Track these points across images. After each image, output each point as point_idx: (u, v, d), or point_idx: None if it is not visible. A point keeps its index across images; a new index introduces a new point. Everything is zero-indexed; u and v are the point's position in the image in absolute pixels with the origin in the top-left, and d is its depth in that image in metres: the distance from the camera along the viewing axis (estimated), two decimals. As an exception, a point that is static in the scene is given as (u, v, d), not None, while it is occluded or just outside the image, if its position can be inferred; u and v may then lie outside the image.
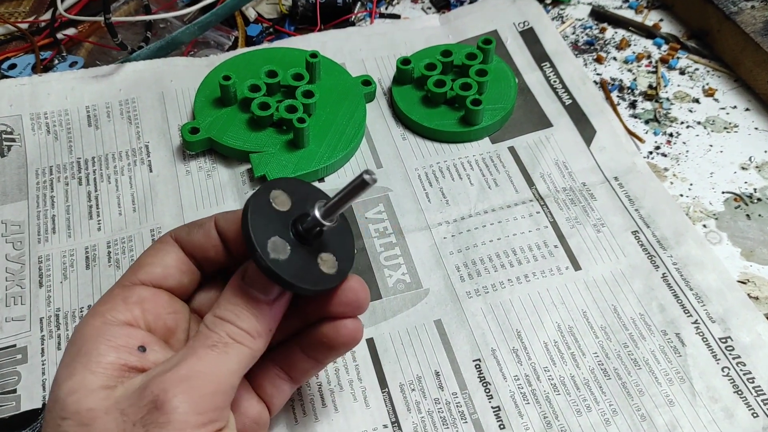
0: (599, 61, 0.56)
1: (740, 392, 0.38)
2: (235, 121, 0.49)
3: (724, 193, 0.47)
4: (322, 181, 0.48)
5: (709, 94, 0.53)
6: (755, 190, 0.47)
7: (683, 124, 0.51)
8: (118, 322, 0.28)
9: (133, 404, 0.26)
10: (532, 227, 0.45)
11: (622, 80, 0.55)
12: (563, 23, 0.59)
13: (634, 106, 0.53)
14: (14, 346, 0.39)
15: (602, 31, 0.59)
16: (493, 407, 0.37)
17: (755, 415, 0.37)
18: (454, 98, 0.50)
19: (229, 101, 0.49)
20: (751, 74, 0.53)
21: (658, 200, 0.46)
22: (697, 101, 0.53)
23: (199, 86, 0.51)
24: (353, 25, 0.59)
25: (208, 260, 0.31)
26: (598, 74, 0.55)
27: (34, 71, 0.54)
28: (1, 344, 0.39)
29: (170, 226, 0.45)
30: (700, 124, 0.51)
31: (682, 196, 0.47)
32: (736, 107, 0.52)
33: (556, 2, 0.61)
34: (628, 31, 0.59)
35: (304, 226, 0.29)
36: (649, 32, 0.58)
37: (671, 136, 0.51)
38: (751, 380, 0.38)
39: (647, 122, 0.52)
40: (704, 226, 0.46)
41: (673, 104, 0.53)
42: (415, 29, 0.57)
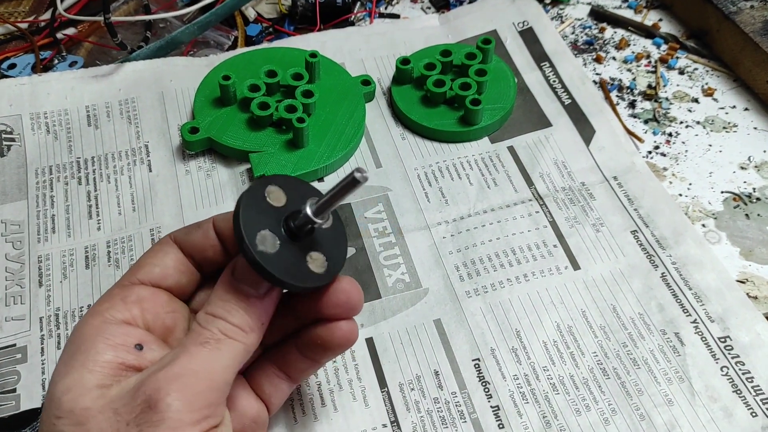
0: (598, 60, 0.56)
1: (739, 392, 0.38)
2: (234, 120, 0.49)
3: (723, 192, 0.47)
4: (321, 180, 0.48)
5: (708, 93, 0.53)
6: (754, 189, 0.47)
7: (682, 123, 0.51)
8: (116, 320, 0.29)
9: (126, 404, 0.26)
10: (531, 227, 0.45)
11: (621, 80, 0.55)
12: (562, 23, 0.59)
13: (633, 105, 0.53)
14: (14, 345, 0.39)
15: (601, 30, 0.59)
16: (492, 407, 0.38)
17: (754, 414, 0.37)
18: (453, 98, 0.50)
19: (228, 101, 0.49)
20: (750, 74, 0.53)
21: (657, 200, 0.46)
22: (696, 101, 0.53)
23: (198, 86, 0.51)
24: (353, 24, 0.59)
25: (206, 260, 0.32)
26: (597, 74, 0.55)
27: (33, 71, 0.54)
28: (0, 344, 0.39)
29: (170, 225, 0.45)
30: (699, 123, 0.51)
31: (681, 195, 0.47)
32: (735, 107, 0.52)
33: (555, 2, 0.61)
34: (627, 30, 0.59)
35: (295, 222, 0.30)
36: (648, 32, 0.58)
37: (670, 135, 0.51)
38: (750, 380, 0.38)
39: (646, 122, 0.52)
40: (703, 225, 0.46)
41: (672, 104, 0.53)
42: (414, 29, 0.57)
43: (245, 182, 0.47)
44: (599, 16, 0.60)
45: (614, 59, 0.56)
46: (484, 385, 0.38)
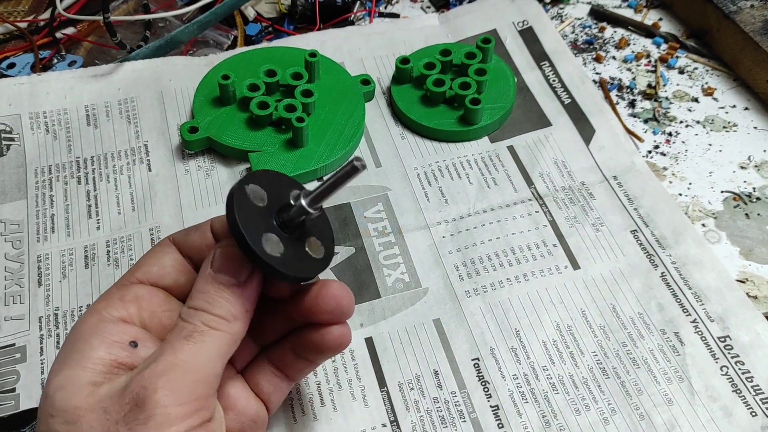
0: (598, 60, 0.56)
1: (739, 391, 0.38)
2: (234, 120, 0.49)
3: (723, 192, 0.47)
4: (320, 180, 0.48)
5: (708, 93, 0.53)
6: (754, 189, 0.47)
7: (682, 123, 0.51)
8: (112, 318, 0.29)
9: (115, 402, 0.26)
10: (531, 226, 0.45)
11: (621, 79, 0.55)
12: (562, 22, 0.59)
13: (633, 105, 0.53)
14: (13, 345, 0.39)
15: (601, 30, 0.59)
16: (491, 406, 0.37)
17: (754, 414, 0.37)
18: (453, 97, 0.50)
19: (228, 100, 0.49)
20: (750, 73, 0.53)
21: (657, 199, 0.46)
22: (696, 100, 0.53)
23: (198, 85, 0.51)
24: (352, 24, 0.59)
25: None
26: (597, 73, 0.55)
27: (33, 70, 0.54)
28: (0, 343, 0.39)
29: (169, 225, 0.45)
30: (699, 123, 0.51)
31: (681, 195, 0.47)
32: (735, 106, 0.52)
33: (555, 1, 0.61)
34: (627, 30, 0.59)
35: (289, 216, 0.30)
36: (648, 31, 0.58)
37: (670, 135, 0.51)
38: (749, 379, 0.38)
39: (646, 121, 0.52)
40: (703, 225, 0.46)
41: (672, 103, 0.53)
42: (414, 28, 0.57)
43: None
44: (599, 15, 0.60)
45: (614, 59, 0.56)
46: (483, 384, 0.38)
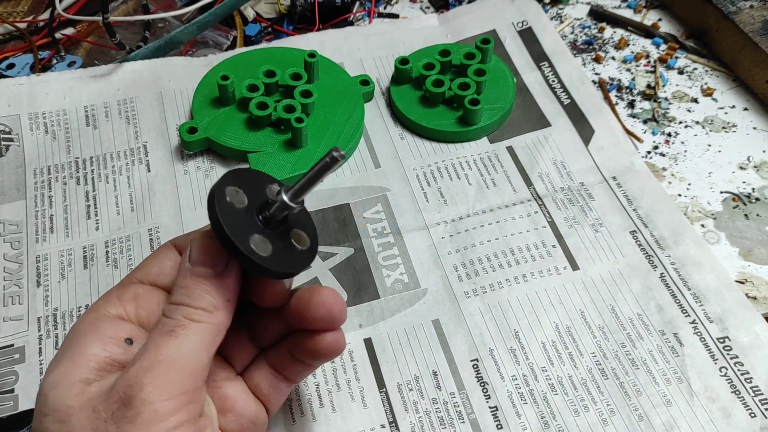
0: (598, 60, 0.56)
1: (738, 392, 0.38)
2: (233, 120, 0.49)
3: (722, 192, 0.47)
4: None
5: (707, 93, 0.53)
6: (753, 189, 0.47)
7: (682, 123, 0.51)
8: (109, 315, 0.29)
9: (104, 401, 0.26)
10: (530, 227, 0.45)
11: (620, 80, 0.55)
12: (562, 23, 0.59)
13: (632, 105, 0.53)
14: (12, 345, 0.39)
15: (601, 30, 0.59)
16: (490, 407, 0.37)
17: (753, 415, 0.37)
18: (452, 98, 0.50)
19: (227, 101, 0.49)
20: (749, 74, 0.53)
21: (656, 200, 0.46)
22: (695, 101, 0.53)
23: (197, 86, 0.51)
24: (352, 24, 0.59)
25: None
26: (596, 74, 0.55)
27: (32, 71, 0.54)
28: (-2, 344, 0.39)
29: (168, 225, 0.45)
30: (698, 123, 0.51)
31: (680, 195, 0.47)
32: (734, 107, 0.52)
33: (554, 2, 0.61)
34: (626, 30, 0.59)
35: (271, 212, 0.29)
36: (647, 32, 0.58)
37: (669, 135, 0.51)
38: (748, 380, 0.38)
39: (646, 122, 0.52)
40: (702, 225, 0.46)
41: (671, 104, 0.53)
42: (413, 29, 0.57)
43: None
44: (598, 15, 0.60)
45: (613, 59, 0.56)
46: (482, 385, 0.38)
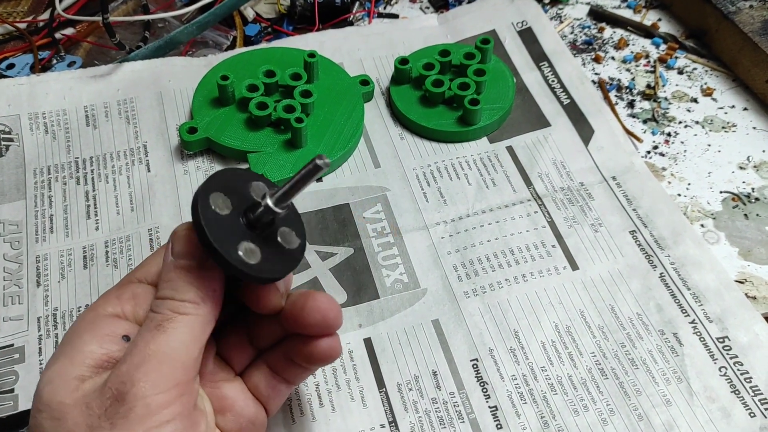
0: (597, 60, 0.56)
1: (737, 392, 0.38)
2: (233, 120, 0.49)
3: (722, 192, 0.47)
4: (320, 180, 0.48)
5: (707, 93, 0.53)
6: (753, 189, 0.47)
7: (681, 123, 0.51)
8: (107, 314, 0.29)
9: (97, 398, 0.26)
10: (529, 227, 0.45)
11: (620, 80, 0.55)
12: (561, 23, 0.59)
13: (632, 105, 0.53)
14: (12, 345, 0.39)
15: (600, 30, 0.59)
16: (490, 407, 0.37)
17: (752, 414, 0.37)
18: (452, 98, 0.50)
19: (227, 101, 0.49)
20: (749, 74, 0.53)
21: (655, 200, 0.46)
22: (695, 101, 0.53)
23: (197, 86, 0.51)
24: (351, 24, 0.59)
25: None
26: (596, 74, 0.55)
27: (32, 71, 0.54)
28: (-2, 344, 0.39)
29: (168, 225, 0.45)
30: (698, 123, 0.51)
31: (680, 195, 0.47)
32: (734, 107, 0.52)
33: (554, 2, 0.61)
34: (626, 30, 0.59)
35: (256, 216, 0.29)
36: (647, 32, 0.58)
37: (669, 135, 0.51)
38: (748, 380, 0.38)
39: (645, 122, 0.52)
40: (702, 225, 0.46)
41: (671, 104, 0.53)
42: (413, 29, 0.57)
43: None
44: (598, 15, 0.60)
45: (613, 59, 0.56)
46: (482, 385, 0.38)
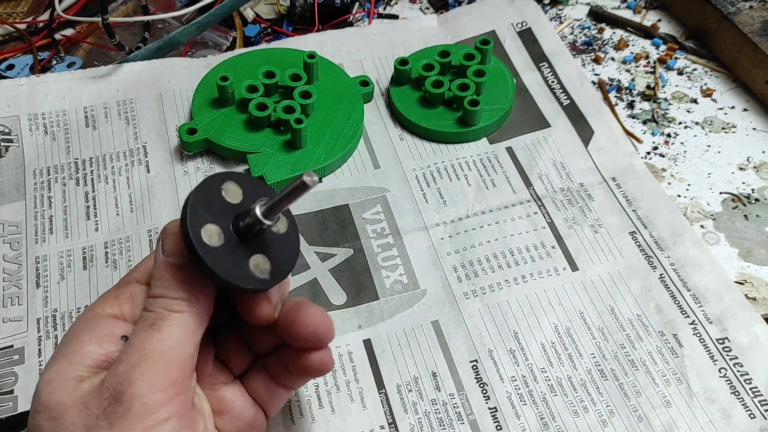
0: (597, 61, 0.56)
1: (737, 393, 0.38)
2: (232, 121, 0.49)
3: (721, 193, 0.47)
4: (320, 181, 0.47)
5: (707, 94, 0.53)
6: (753, 190, 0.47)
7: (681, 124, 0.51)
8: (106, 315, 0.29)
9: (95, 398, 0.26)
10: (529, 228, 0.45)
11: (620, 80, 0.55)
12: (561, 23, 0.59)
13: (632, 106, 0.53)
14: (11, 346, 0.39)
15: (600, 31, 0.59)
16: (489, 408, 0.37)
17: (752, 416, 0.37)
18: (451, 99, 0.50)
19: (226, 102, 0.49)
20: (749, 74, 0.53)
21: (655, 201, 0.46)
22: (695, 101, 0.53)
23: (196, 87, 0.51)
24: (351, 25, 0.59)
25: None
26: (596, 74, 0.55)
27: (32, 72, 0.54)
28: (-2, 345, 0.39)
29: (167, 226, 0.45)
30: (698, 124, 0.51)
31: (679, 196, 0.47)
32: (734, 107, 0.52)
33: (554, 2, 0.61)
34: (626, 31, 0.59)
35: (244, 222, 0.29)
36: (647, 32, 0.58)
37: (669, 136, 0.51)
38: (748, 381, 0.38)
39: (645, 122, 0.52)
40: (702, 226, 0.46)
41: (671, 104, 0.53)
42: (413, 30, 0.57)
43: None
44: (598, 16, 0.60)
45: (613, 60, 0.56)
46: (481, 386, 0.38)
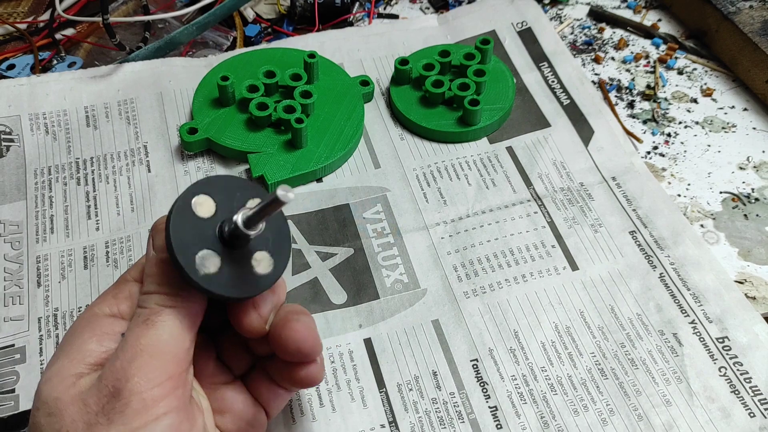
0: (597, 61, 0.56)
1: (737, 392, 0.38)
2: (233, 121, 0.49)
3: (721, 193, 0.47)
4: (320, 181, 0.48)
5: (707, 94, 0.53)
6: (753, 190, 0.47)
7: (681, 124, 0.51)
8: (105, 314, 0.29)
9: (94, 394, 0.26)
10: (529, 227, 0.45)
11: (620, 80, 0.55)
12: (561, 23, 0.59)
13: (632, 106, 0.53)
14: (12, 345, 0.39)
15: (600, 31, 0.59)
16: (490, 407, 0.38)
17: (752, 415, 0.37)
18: (452, 98, 0.50)
19: (227, 101, 0.49)
20: (749, 74, 0.53)
21: (655, 200, 0.46)
22: (695, 101, 0.53)
23: (197, 86, 0.51)
24: (351, 25, 0.59)
25: None
26: (596, 74, 0.55)
27: (32, 72, 0.54)
28: (-1, 344, 0.40)
29: (168, 226, 0.45)
30: (698, 124, 0.51)
31: (679, 196, 0.47)
32: (734, 107, 0.52)
33: (554, 2, 0.61)
34: (626, 31, 0.59)
35: (228, 232, 0.28)
36: (647, 32, 0.58)
37: (669, 136, 0.51)
38: (748, 380, 0.38)
39: (645, 122, 0.52)
40: (702, 226, 0.46)
41: (671, 104, 0.53)
42: (413, 29, 0.57)
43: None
44: (598, 16, 0.60)
45: (613, 59, 0.56)
46: (482, 385, 0.38)
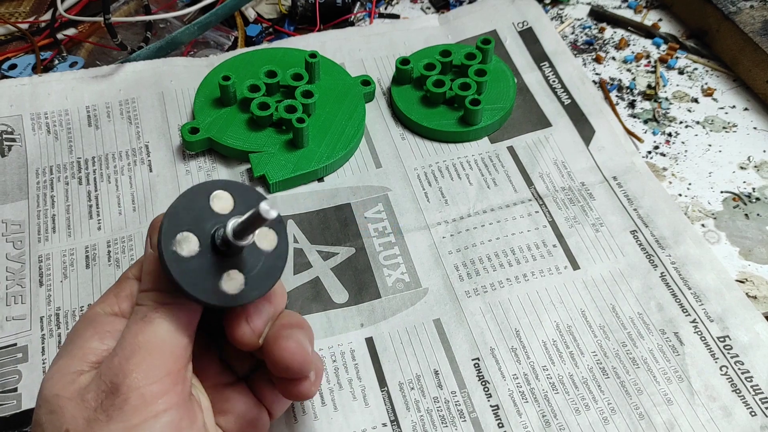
0: (598, 60, 0.56)
1: (738, 391, 0.38)
2: (234, 121, 0.49)
3: (722, 192, 0.47)
4: (321, 180, 0.48)
5: (707, 93, 0.53)
6: (754, 189, 0.47)
7: (682, 123, 0.52)
8: (107, 313, 0.29)
9: (93, 391, 0.26)
10: (530, 227, 0.45)
11: (621, 80, 0.55)
12: (562, 23, 0.60)
13: (633, 105, 0.53)
14: (15, 345, 0.40)
15: (601, 30, 0.59)
16: (491, 406, 0.38)
17: (753, 413, 0.37)
18: (453, 98, 0.50)
19: (228, 101, 0.49)
20: (749, 74, 0.53)
21: (656, 200, 0.46)
22: (695, 101, 0.53)
23: (198, 86, 0.51)
24: (352, 25, 0.59)
25: None
26: (597, 74, 0.55)
27: (34, 71, 0.54)
28: (1, 343, 0.39)
29: (170, 225, 0.45)
30: (698, 123, 0.52)
31: (680, 195, 0.47)
32: (734, 107, 0.52)
33: (555, 2, 0.61)
34: (627, 30, 0.59)
35: (218, 236, 0.28)
36: (648, 32, 0.58)
37: (670, 135, 0.51)
38: (749, 379, 0.38)
39: (646, 122, 0.52)
40: (703, 225, 0.46)
41: (672, 104, 0.53)
42: (414, 29, 0.57)
43: (245, 183, 0.47)
44: (599, 16, 0.60)
45: (614, 59, 0.56)
46: (483, 384, 0.38)
